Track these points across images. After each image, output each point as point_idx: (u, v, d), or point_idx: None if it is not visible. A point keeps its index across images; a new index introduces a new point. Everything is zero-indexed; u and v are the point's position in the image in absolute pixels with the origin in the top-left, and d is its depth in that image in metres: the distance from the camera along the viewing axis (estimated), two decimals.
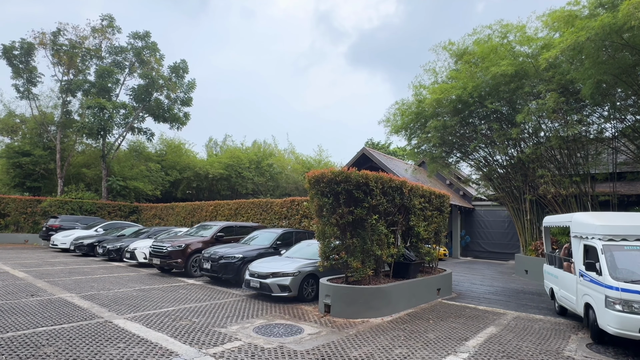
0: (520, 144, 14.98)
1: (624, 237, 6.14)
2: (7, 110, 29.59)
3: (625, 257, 5.91)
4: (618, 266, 5.80)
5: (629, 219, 6.45)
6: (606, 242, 6.12)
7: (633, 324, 5.37)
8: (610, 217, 6.89)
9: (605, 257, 5.94)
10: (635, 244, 6.02)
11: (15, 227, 24.26)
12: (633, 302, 5.40)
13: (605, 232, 6.26)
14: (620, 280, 5.58)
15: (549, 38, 12.12)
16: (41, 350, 4.97)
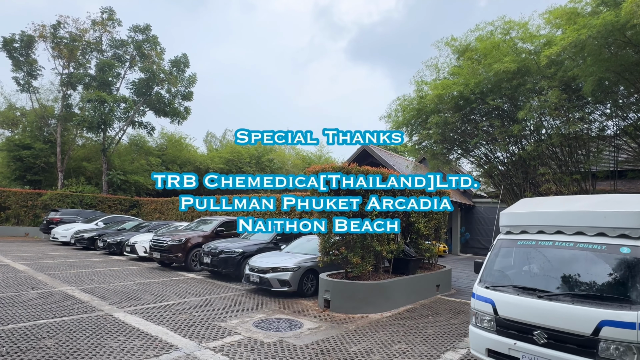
0: (521, 141, 14.95)
1: (524, 228, 4.62)
2: (7, 103, 29.56)
3: (512, 254, 4.62)
4: (495, 267, 4.62)
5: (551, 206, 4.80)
6: (503, 236, 4.84)
7: (480, 342, 4.26)
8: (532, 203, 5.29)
9: (490, 256, 4.77)
10: (532, 238, 4.50)
11: (15, 220, 24.31)
12: (481, 312, 4.31)
13: (504, 223, 4.94)
14: (487, 284, 4.45)
15: (551, 35, 12.05)
16: (42, 343, 5.00)
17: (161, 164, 31.91)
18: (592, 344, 3.42)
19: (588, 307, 3.54)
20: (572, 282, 4.00)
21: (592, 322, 3.43)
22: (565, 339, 3.59)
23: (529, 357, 3.79)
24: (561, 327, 3.62)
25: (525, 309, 3.91)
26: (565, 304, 3.67)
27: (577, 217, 4.16)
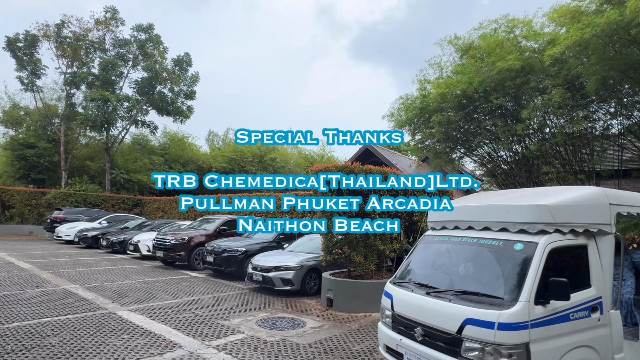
0: (525, 140, 14.88)
1: (444, 224, 4.44)
2: (11, 102, 29.67)
3: (428, 251, 4.44)
4: (410, 263, 4.52)
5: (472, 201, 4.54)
6: (428, 233, 4.71)
7: (380, 338, 4.21)
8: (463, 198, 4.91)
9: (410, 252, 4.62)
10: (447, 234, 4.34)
11: (20, 219, 24.44)
12: (383, 308, 4.22)
13: (429, 219, 4.77)
14: (395, 280, 4.40)
15: (555, 33, 11.99)
16: (46, 341, 5.02)
17: (164, 163, 31.99)
18: (457, 342, 3.26)
19: (459, 304, 3.39)
20: (463, 279, 3.84)
21: (458, 320, 3.28)
22: (437, 336, 3.47)
23: (409, 354, 3.70)
24: (434, 324, 3.51)
25: (411, 305, 3.82)
26: (442, 301, 3.53)
27: (484, 212, 4.00)
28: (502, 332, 3.03)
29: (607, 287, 3.60)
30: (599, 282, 3.58)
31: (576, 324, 3.37)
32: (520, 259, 3.42)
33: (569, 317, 3.33)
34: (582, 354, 3.35)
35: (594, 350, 3.41)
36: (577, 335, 3.35)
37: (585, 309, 3.44)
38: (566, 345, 3.26)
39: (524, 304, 3.12)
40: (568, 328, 3.31)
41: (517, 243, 3.54)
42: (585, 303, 3.45)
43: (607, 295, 3.60)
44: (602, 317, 3.52)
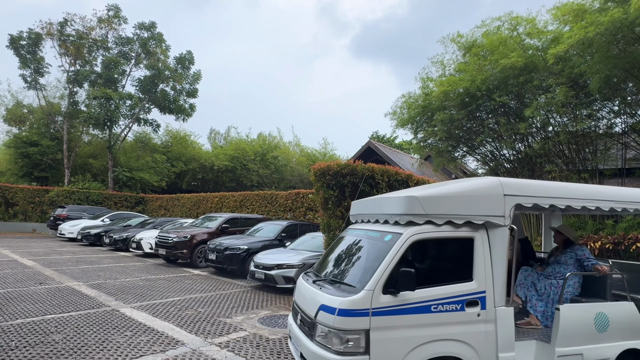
0: (527, 139, 14.84)
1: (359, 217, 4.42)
2: (14, 100, 29.75)
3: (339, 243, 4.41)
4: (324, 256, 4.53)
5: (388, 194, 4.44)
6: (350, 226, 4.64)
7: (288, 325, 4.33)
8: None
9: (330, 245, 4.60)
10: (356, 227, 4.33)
11: (23, 217, 24.56)
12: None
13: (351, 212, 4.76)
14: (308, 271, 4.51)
15: (559, 31, 11.94)
16: (50, 337, 5.05)
17: (166, 161, 32.03)
18: (314, 327, 3.38)
19: (323, 292, 3.48)
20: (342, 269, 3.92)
21: (316, 306, 3.40)
22: (305, 321, 3.62)
23: (293, 338, 3.92)
24: (305, 310, 3.67)
25: (300, 293, 4.01)
26: (315, 289, 3.64)
27: (378, 206, 4.05)
28: (340, 318, 3.11)
29: (497, 282, 3.44)
30: (482, 276, 3.43)
31: (442, 316, 3.29)
32: (384, 249, 3.43)
33: (430, 308, 3.27)
34: (450, 347, 3.27)
35: (468, 346, 3.30)
36: (442, 328, 3.28)
37: (458, 303, 3.34)
38: (424, 337, 3.21)
39: (367, 292, 3.16)
40: (429, 319, 3.25)
41: (388, 234, 3.57)
42: (459, 296, 3.35)
43: (498, 291, 3.44)
44: (484, 313, 3.39)
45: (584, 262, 4.26)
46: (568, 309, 3.67)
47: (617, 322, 3.79)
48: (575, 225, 13.22)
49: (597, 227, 12.67)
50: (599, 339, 3.70)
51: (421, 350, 3.20)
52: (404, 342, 3.18)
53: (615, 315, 3.79)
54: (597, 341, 3.69)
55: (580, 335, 3.65)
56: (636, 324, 3.86)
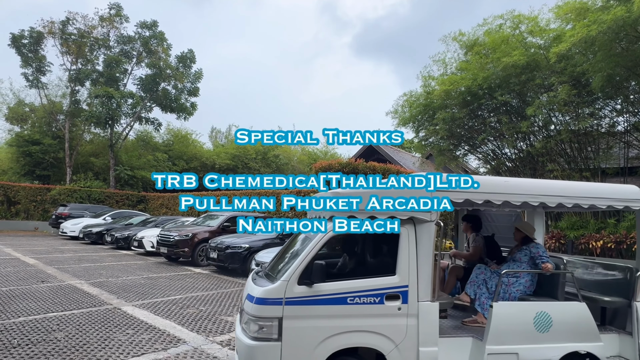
0: (529, 138, 14.80)
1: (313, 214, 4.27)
2: (16, 98, 29.83)
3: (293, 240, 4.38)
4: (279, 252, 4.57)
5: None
6: None
7: None
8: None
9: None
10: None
11: (25, 215, 24.64)
12: None
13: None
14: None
15: (561, 29, 11.90)
16: (52, 335, 5.07)
17: (168, 159, 32.08)
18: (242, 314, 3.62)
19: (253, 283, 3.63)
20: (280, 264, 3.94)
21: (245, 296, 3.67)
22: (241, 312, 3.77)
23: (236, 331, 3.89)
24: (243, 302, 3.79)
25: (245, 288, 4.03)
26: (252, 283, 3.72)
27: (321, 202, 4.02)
28: (257, 306, 3.29)
29: (421, 277, 3.43)
30: (406, 270, 3.45)
31: (358, 308, 3.35)
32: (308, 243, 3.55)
33: (347, 300, 3.35)
34: (367, 338, 3.34)
35: (386, 338, 3.35)
36: (359, 320, 3.34)
37: (377, 296, 3.39)
38: (338, 327, 3.30)
39: (282, 283, 3.31)
40: (344, 311, 3.33)
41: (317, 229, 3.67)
42: (378, 290, 3.40)
43: (422, 286, 3.43)
44: (406, 307, 3.40)
45: (537, 259, 4.18)
46: (501, 307, 3.59)
47: (562, 322, 3.60)
48: (577, 224, 13.20)
49: (598, 226, 12.63)
50: (539, 340, 3.55)
51: (335, 339, 3.28)
52: (316, 331, 3.28)
53: (560, 315, 3.62)
54: (537, 341, 3.54)
55: (516, 334, 3.53)
56: (584, 325, 3.62)
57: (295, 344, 3.26)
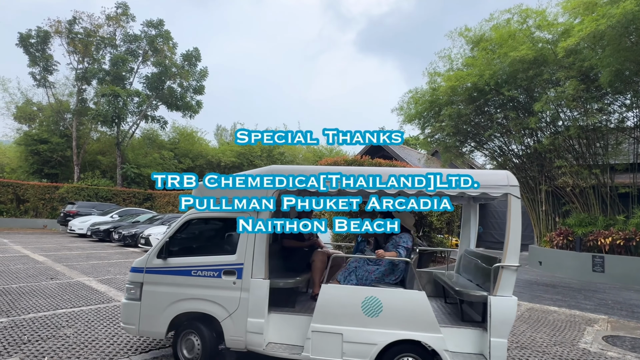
0: (537, 134, 14.65)
1: None
2: (24, 98, 30.13)
3: None
4: None
5: None
6: None
7: None
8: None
9: None
10: None
11: (34, 213, 24.93)
12: None
13: None
14: None
15: (569, 24, 11.72)
16: (61, 332, 5.12)
17: (174, 157, 32.25)
18: None
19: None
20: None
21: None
22: None
23: None
24: None
25: None
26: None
27: None
28: (130, 273, 4.32)
29: (256, 257, 3.91)
30: (243, 251, 3.98)
31: (200, 280, 4.02)
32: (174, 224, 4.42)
33: (191, 272, 4.05)
34: (205, 305, 3.95)
35: (221, 307, 3.90)
36: (200, 289, 4.00)
37: (216, 271, 4.00)
38: (183, 294, 4.03)
39: (146, 255, 4.27)
40: (188, 281, 4.04)
41: None
42: (217, 265, 4.01)
43: (256, 265, 3.89)
44: (240, 282, 3.92)
45: (397, 247, 4.29)
46: (328, 289, 3.79)
47: (393, 309, 3.63)
48: (585, 221, 13.06)
49: (607, 223, 12.50)
50: (367, 324, 3.62)
51: (180, 304, 4.02)
52: (166, 296, 4.07)
53: (392, 302, 3.65)
54: (364, 325, 3.62)
55: (342, 315, 3.67)
56: (420, 314, 3.59)
57: (150, 305, 4.11)
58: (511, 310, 3.50)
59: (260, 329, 3.77)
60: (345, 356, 3.61)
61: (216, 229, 4.43)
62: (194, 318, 4.04)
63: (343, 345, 3.62)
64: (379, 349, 3.55)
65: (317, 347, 3.65)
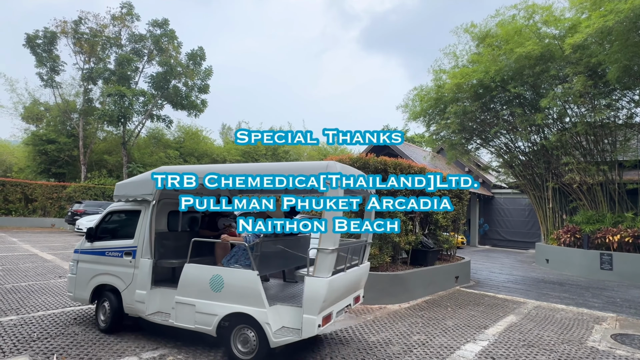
0: (543, 130, 14.52)
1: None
2: (32, 98, 30.38)
3: None
4: None
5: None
6: None
7: None
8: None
9: None
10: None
11: (42, 212, 25.19)
12: None
13: None
14: None
15: (577, 19, 11.58)
16: (70, 329, 5.18)
17: (179, 156, 32.37)
18: None
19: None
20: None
21: None
22: None
23: None
24: None
25: None
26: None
27: None
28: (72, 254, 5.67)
29: (145, 242, 4.83)
30: (138, 236, 5.00)
31: (110, 259, 5.19)
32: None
33: (105, 253, 5.26)
34: (112, 279, 5.11)
35: (120, 279, 5.02)
36: (110, 266, 5.17)
37: (119, 252, 5.14)
38: (100, 269, 5.25)
39: (83, 239, 5.54)
40: (103, 260, 5.25)
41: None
42: (120, 248, 5.14)
43: (145, 248, 4.82)
44: (134, 261, 4.95)
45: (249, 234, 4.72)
46: (188, 268, 4.44)
47: (231, 285, 4.16)
48: (593, 218, 12.94)
49: (615, 220, 12.38)
50: (213, 297, 4.24)
51: (98, 277, 5.26)
52: (90, 271, 5.36)
53: (231, 279, 4.19)
54: (210, 298, 4.25)
55: (196, 289, 4.35)
56: (250, 291, 4.04)
57: (81, 278, 5.42)
58: (319, 290, 3.80)
59: (144, 299, 4.68)
60: (196, 324, 4.31)
61: (125, 218, 5.46)
62: (107, 289, 5.20)
63: (195, 315, 4.32)
64: (219, 319, 4.18)
65: (178, 315, 4.43)
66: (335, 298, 4.20)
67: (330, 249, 3.85)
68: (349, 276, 4.51)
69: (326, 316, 4.00)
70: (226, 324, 4.21)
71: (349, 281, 4.54)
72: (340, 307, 4.42)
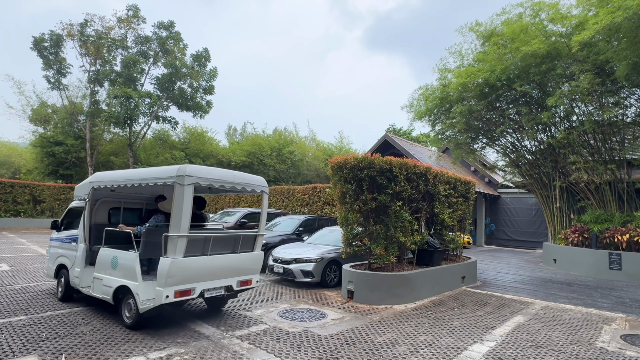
0: (550, 129, 14.40)
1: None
2: (39, 100, 30.67)
3: None
4: None
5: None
6: None
7: None
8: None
9: None
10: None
11: (50, 213, 25.44)
12: None
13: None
14: None
15: (584, 16, 11.46)
16: (78, 329, 5.22)
17: (185, 157, 32.50)
18: None
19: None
20: None
21: None
22: None
23: None
24: None
25: None
26: None
27: None
28: (49, 241, 7.51)
29: (83, 231, 6.39)
30: (81, 227, 6.49)
31: (65, 245, 6.90)
32: None
33: (63, 240, 7.02)
34: (66, 260, 6.74)
35: (70, 260, 6.62)
36: (65, 250, 6.88)
37: (70, 240, 6.77)
38: (61, 252, 6.98)
39: (58, 231, 7.28)
40: (63, 245, 6.98)
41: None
42: (71, 236, 6.80)
43: (81, 236, 6.44)
44: (75, 246, 6.56)
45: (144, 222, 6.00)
46: (103, 250, 5.80)
47: (122, 265, 5.42)
48: (601, 218, 12.81)
49: (624, 219, 12.25)
50: (112, 273, 5.57)
51: (60, 258, 6.94)
52: (55, 254, 7.13)
53: (122, 260, 5.44)
54: (110, 274, 5.58)
55: (104, 267, 5.70)
56: (131, 268, 5.25)
57: (51, 259, 7.21)
58: (164, 267, 4.83)
59: (79, 275, 6.25)
60: (103, 294, 5.65)
61: (76, 213, 6.92)
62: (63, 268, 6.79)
63: (102, 287, 5.66)
64: (113, 290, 5.45)
65: (94, 287, 5.84)
66: (192, 277, 5.14)
67: (176, 235, 4.84)
68: (217, 260, 5.47)
69: (183, 290, 5.04)
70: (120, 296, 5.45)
71: (218, 264, 5.49)
72: (211, 285, 5.42)
